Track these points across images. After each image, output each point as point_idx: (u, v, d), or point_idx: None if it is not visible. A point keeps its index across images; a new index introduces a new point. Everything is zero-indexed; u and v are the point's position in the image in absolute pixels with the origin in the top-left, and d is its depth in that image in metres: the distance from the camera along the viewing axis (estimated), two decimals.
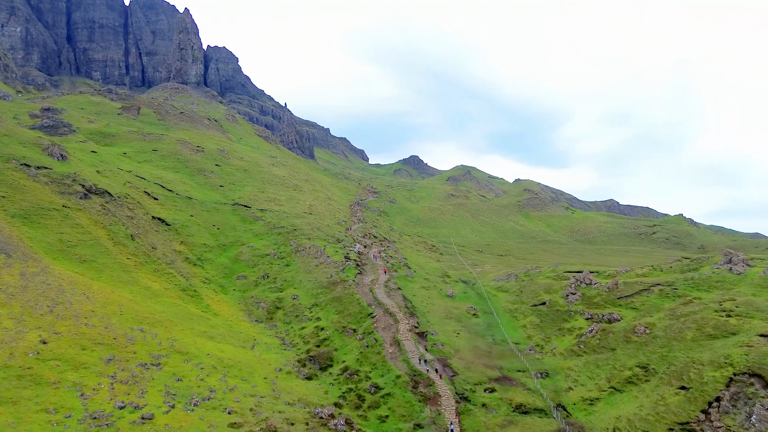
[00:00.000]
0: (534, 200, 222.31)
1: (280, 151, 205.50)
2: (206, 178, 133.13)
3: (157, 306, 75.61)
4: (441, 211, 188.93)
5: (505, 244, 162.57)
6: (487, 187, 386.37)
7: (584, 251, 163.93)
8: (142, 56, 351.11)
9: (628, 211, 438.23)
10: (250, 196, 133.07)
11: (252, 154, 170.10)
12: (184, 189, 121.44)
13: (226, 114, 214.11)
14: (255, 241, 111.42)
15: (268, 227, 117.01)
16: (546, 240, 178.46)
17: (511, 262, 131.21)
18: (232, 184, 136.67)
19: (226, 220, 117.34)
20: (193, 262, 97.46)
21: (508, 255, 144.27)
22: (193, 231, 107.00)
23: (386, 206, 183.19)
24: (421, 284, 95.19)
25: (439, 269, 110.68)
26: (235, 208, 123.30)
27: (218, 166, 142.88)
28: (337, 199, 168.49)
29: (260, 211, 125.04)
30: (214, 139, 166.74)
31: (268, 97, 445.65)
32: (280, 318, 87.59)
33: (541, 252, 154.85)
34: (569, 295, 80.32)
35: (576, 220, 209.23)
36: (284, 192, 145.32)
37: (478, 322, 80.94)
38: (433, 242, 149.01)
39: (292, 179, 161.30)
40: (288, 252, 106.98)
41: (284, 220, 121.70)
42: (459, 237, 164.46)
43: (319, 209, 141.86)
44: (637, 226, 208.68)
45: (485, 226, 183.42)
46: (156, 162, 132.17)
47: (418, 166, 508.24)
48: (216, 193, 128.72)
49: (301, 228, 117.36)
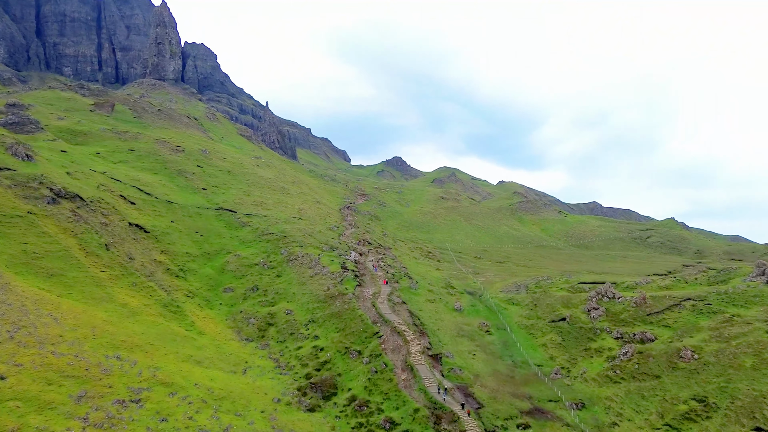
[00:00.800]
0: (527, 204, 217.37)
1: (264, 152, 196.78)
2: (187, 180, 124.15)
3: (136, 326, 67.12)
4: (434, 215, 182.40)
5: (503, 250, 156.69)
6: (472, 189, 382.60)
7: (583, 257, 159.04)
8: (116, 52, 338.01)
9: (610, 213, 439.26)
10: (235, 199, 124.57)
11: (235, 155, 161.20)
12: (164, 192, 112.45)
13: (207, 112, 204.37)
14: (242, 249, 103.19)
15: (256, 234, 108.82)
16: (542, 245, 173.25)
17: (513, 270, 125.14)
18: (216, 186, 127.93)
19: (210, 226, 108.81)
20: (175, 273, 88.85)
21: (507, 261, 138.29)
22: (175, 238, 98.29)
23: (377, 210, 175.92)
24: (426, 297, 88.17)
25: (442, 279, 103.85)
26: (220, 213, 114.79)
27: (200, 167, 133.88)
28: (326, 202, 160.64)
29: (247, 216, 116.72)
30: (195, 139, 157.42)
31: (247, 96, 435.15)
32: (273, 336, 79.67)
33: (540, 258, 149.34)
34: (591, 310, 74.13)
35: (570, 224, 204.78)
36: (271, 195, 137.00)
37: (493, 341, 74.26)
38: (429, 248, 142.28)
39: (278, 181, 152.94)
40: (279, 261, 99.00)
41: (273, 225, 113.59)
42: (455, 242, 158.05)
43: (310, 214, 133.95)
44: (631, 231, 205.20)
45: (480, 231, 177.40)
46: (132, 163, 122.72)
47: (401, 167, 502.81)
48: (198, 196, 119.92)
49: (292, 234, 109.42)
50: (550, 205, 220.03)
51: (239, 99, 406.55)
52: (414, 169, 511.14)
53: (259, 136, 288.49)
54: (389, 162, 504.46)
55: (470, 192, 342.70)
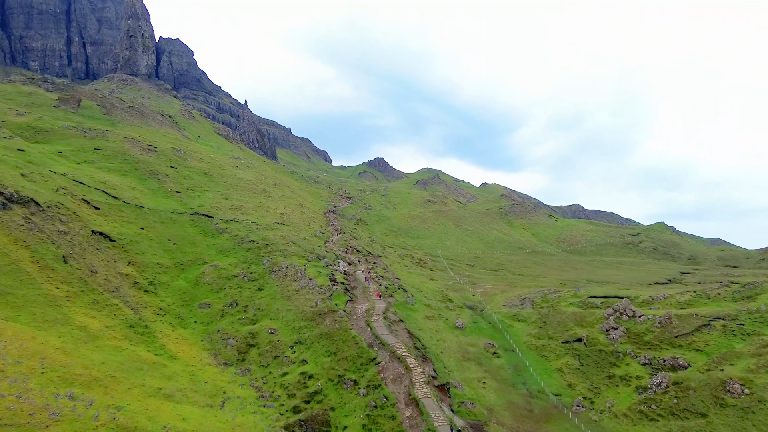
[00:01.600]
0: (516, 207, 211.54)
1: (244, 152, 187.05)
2: (160, 183, 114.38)
3: (95, 354, 58.02)
4: (422, 219, 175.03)
5: (495, 256, 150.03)
6: (456, 191, 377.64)
7: (577, 263, 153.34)
8: (87, 46, 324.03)
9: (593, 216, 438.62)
10: (212, 203, 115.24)
11: (213, 155, 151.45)
12: (133, 196, 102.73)
13: (182, 109, 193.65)
14: (220, 258, 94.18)
15: (235, 241, 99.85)
16: (535, 251, 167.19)
17: (510, 279, 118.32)
18: (191, 189, 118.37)
19: (185, 233, 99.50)
20: (144, 287, 79.53)
21: (502, 270, 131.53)
22: (144, 248, 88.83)
23: (363, 214, 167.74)
24: (424, 313, 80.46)
25: (438, 291, 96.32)
26: (195, 219, 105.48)
27: (174, 169, 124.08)
28: (310, 206, 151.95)
29: (225, 221, 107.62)
30: (169, 137, 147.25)
31: (225, 94, 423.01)
32: (255, 359, 71.12)
33: (534, 265, 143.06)
34: (610, 330, 67.29)
35: (561, 228, 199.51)
36: (252, 198, 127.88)
37: (502, 365, 66.89)
38: (420, 255, 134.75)
39: (259, 183, 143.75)
40: (261, 272, 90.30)
41: (254, 232, 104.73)
42: (445, 248, 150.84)
43: (293, 218, 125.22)
44: (622, 235, 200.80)
45: (470, 236, 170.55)
46: (99, 163, 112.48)
47: (383, 169, 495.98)
48: (172, 200, 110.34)
49: (275, 242, 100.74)
50: (539, 209, 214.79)
51: (217, 97, 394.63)
52: (396, 171, 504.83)
53: (238, 135, 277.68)
54: (371, 163, 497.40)
55: (455, 194, 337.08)
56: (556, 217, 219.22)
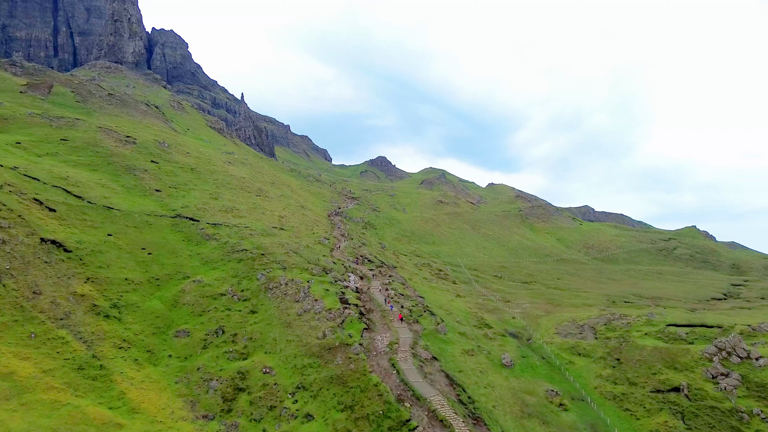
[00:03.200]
0: (537, 210, 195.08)
1: (238, 147, 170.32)
2: (137, 180, 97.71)
3: (17, 420, 41.41)
4: (436, 222, 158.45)
5: (522, 266, 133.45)
6: (463, 191, 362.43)
7: (614, 273, 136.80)
8: (74, 36, 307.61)
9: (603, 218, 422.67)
10: (198, 204, 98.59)
11: (202, 149, 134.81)
12: (102, 195, 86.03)
13: (171, 100, 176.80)
14: (205, 272, 77.56)
15: (223, 250, 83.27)
16: (562, 258, 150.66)
17: (548, 295, 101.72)
18: (174, 188, 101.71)
19: (163, 240, 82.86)
20: (105, 312, 62.81)
21: (534, 282, 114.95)
22: (110, 259, 72.14)
23: (371, 216, 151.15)
24: (461, 345, 63.85)
25: (470, 312, 79.72)
26: (177, 223, 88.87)
27: (155, 164, 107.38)
28: (312, 207, 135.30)
29: (213, 226, 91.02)
30: (153, 129, 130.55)
31: (221, 89, 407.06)
32: (245, 410, 54.51)
33: (568, 276, 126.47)
34: (718, 376, 50.67)
35: (586, 233, 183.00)
36: (246, 199, 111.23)
37: (574, 423, 50.28)
38: (439, 264, 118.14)
39: (254, 181, 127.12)
40: (254, 290, 73.72)
41: (247, 239, 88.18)
42: (465, 256, 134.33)
43: (293, 222, 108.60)
44: (652, 240, 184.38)
45: (490, 241, 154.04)
46: (63, 156, 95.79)
47: (385, 168, 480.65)
48: (150, 200, 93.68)
49: (272, 251, 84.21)
50: (561, 212, 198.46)
51: (212, 92, 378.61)
52: (399, 170, 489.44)
53: (234, 131, 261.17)
54: (373, 162, 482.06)
55: (462, 195, 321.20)
56: (580, 220, 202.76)
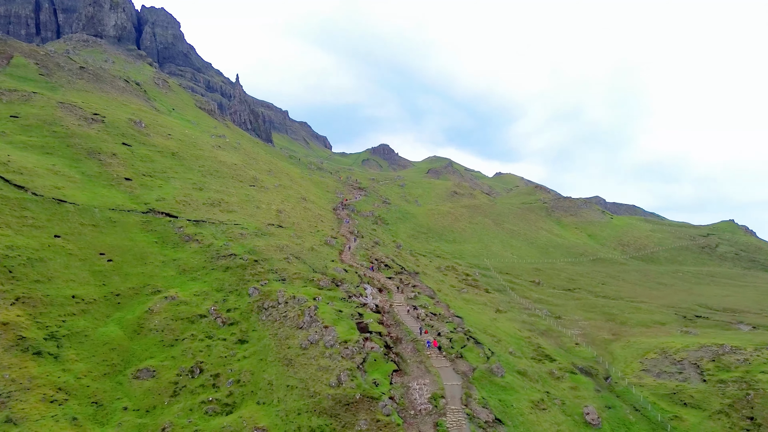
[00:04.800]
0: (563, 202, 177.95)
1: (231, 131, 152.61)
2: (101, 166, 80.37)
3: None
4: (454, 216, 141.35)
5: (558, 267, 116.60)
6: (471, 181, 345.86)
7: (661, 276, 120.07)
8: (58, 13, 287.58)
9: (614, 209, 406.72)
10: (178, 196, 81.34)
11: (188, 131, 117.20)
12: (53, 185, 68.77)
13: (155, 77, 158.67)
14: (181, 285, 60.55)
15: (207, 256, 66.23)
16: (599, 258, 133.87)
17: (601, 307, 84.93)
18: (149, 176, 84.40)
19: (130, 243, 65.73)
20: (36, 348, 45.87)
21: (578, 289, 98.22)
22: (53, 270, 55.09)
23: (381, 210, 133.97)
24: (525, 393, 46.98)
25: (520, 336, 62.94)
26: (150, 220, 71.69)
27: (127, 147, 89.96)
28: (314, 199, 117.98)
29: (195, 224, 73.90)
30: (129, 107, 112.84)
31: (216, 72, 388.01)
32: None
33: (611, 280, 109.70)
34: None
35: (618, 228, 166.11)
36: (237, 190, 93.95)
37: None
38: (464, 267, 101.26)
39: (248, 169, 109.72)
40: (244, 311, 56.81)
41: (237, 240, 71.09)
42: (492, 256, 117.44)
43: (293, 218, 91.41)
44: (691, 236, 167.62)
45: (516, 238, 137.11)
46: (10, 135, 78.35)
47: (388, 156, 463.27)
48: (116, 191, 76.37)
49: (268, 256, 67.19)
50: (590, 204, 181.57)
51: (206, 74, 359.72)
52: (402, 158, 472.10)
53: (228, 114, 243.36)
54: (375, 150, 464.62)
55: (474, 185, 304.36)
56: (610, 214, 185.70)
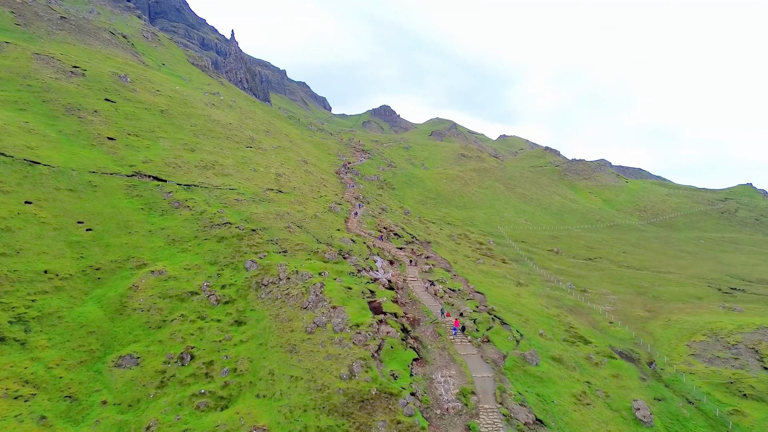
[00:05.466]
0: (576, 165, 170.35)
1: (226, 88, 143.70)
2: (81, 125, 72.79)
3: None
4: (463, 181, 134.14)
5: (575, 235, 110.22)
6: (476, 144, 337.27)
7: (684, 244, 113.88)
8: None
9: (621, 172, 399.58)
10: (167, 158, 74.08)
11: (178, 87, 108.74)
12: (25, 144, 61.50)
13: (144, 30, 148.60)
14: (170, 258, 54.06)
15: (199, 225, 59.54)
16: (616, 224, 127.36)
17: (628, 278, 78.87)
18: (135, 135, 76.87)
19: (112, 210, 58.93)
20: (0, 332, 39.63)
21: (599, 258, 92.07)
22: (23, 241, 48.48)
23: (387, 174, 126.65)
24: (564, 384, 41.05)
25: (547, 314, 56.87)
26: (135, 185, 64.71)
27: (110, 103, 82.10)
28: (316, 162, 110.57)
29: (185, 188, 66.97)
30: (114, 61, 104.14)
31: (211, 29, 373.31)
32: None
33: (632, 248, 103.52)
34: None
35: (634, 193, 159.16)
36: (233, 151, 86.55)
37: None
38: (477, 235, 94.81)
39: (244, 129, 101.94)
40: (241, 287, 50.48)
41: (233, 207, 64.33)
42: (505, 223, 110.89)
43: (294, 182, 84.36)
44: (709, 201, 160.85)
45: (529, 204, 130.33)
46: None
47: (389, 118, 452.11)
48: (98, 152, 69.09)
49: (267, 225, 60.56)
50: (603, 167, 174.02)
51: (201, 31, 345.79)
52: (404, 120, 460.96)
53: (223, 73, 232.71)
54: (376, 111, 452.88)
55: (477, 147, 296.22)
56: (625, 178, 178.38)
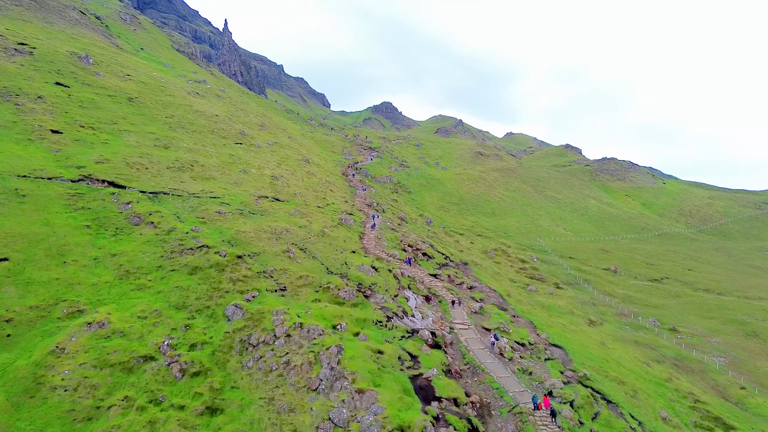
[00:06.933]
0: (608, 165, 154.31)
1: (216, 78, 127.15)
2: (18, 113, 56.41)
3: None
4: (487, 183, 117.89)
5: (625, 247, 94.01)
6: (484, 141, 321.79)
7: (748, 256, 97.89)
8: None
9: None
10: (131, 156, 57.62)
11: (156, 73, 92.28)
12: None
13: (122, 12, 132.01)
14: (117, 300, 37.68)
15: (164, 250, 43.20)
16: (664, 232, 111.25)
17: (716, 307, 62.83)
18: (90, 128, 60.42)
19: (43, 230, 42.53)
20: None
21: (667, 279, 75.95)
22: None
23: (400, 174, 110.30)
24: None
25: (659, 380, 40.56)
26: (80, 192, 48.25)
27: (63, 88, 65.71)
28: (319, 161, 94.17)
29: (150, 197, 50.56)
30: (78, 42, 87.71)
31: (204, 21, 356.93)
32: None
33: (696, 264, 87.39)
34: None
35: (674, 195, 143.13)
36: (217, 148, 70.18)
37: None
38: (515, 249, 78.59)
39: (234, 122, 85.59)
40: (218, 347, 34.21)
41: (213, 223, 47.89)
42: (542, 233, 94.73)
43: (294, 186, 67.99)
44: (755, 204, 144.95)
45: (563, 209, 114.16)
46: None
47: (391, 115, 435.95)
48: (36, 149, 52.66)
49: (258, 249, 44.23)
50: (636, 167, 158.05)
51: (193, 23, 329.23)
52: (406, 118, 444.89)
53: (216, 65, 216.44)
54: (377, 108, 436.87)
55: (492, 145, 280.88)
56: (662, 179, 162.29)
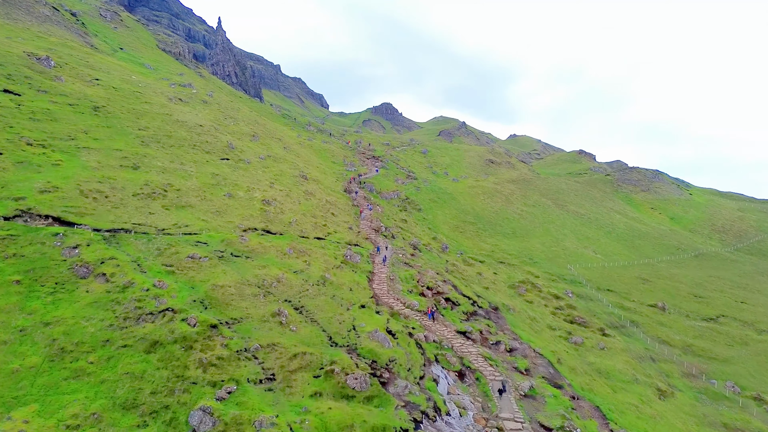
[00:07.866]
0: (631, 175, 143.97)
1: (205, 80, 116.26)
2: None
3: None
4: (504, 196, 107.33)
5: (663, 273, 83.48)
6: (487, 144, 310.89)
7: None
8: None
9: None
10: (85, 182, 46.81)
11: (135, 77, 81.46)
12: None
13: (103, 8, 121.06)
14: (43, 396, 26.80)
15: (116, 315, 32.29)
16: (701, 252, 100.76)
17: None
18: (40, 145, 49.62)
19: None
20: None
21: (723, 317, 65.51)
22: None
23: (408, 188, 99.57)
24: None
25: None
26: (12, 234, 37.39)
27: (11, 96, 54.92)
28: (318, 176, 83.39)
29: (106, 237, 39.76)
30: (43, 41, 76.82)
31: (198, 19, 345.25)
32: None
33: (745, 294, 76.99)
34: None
35: (703, 207, 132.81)
36: (198, 166, 59.44)
37: None
38: (544, 280, 67.98)
39: (221, 132, 74.83)
40: None
41: (183, 272, 37.10)
42: (569, 256, 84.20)
43: (289, 213, 57.30)
44: None
45: (589, 226, 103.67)
46: None
47: (391, 116, 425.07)
48: None
49: (240, 312, 33.49)
50: (660, 177, 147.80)
51: (187, 22, 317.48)
52: (407, 119, 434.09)
53: (209, 66, 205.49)
54: (377, 109, 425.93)
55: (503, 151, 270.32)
56: (688, 189, 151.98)
